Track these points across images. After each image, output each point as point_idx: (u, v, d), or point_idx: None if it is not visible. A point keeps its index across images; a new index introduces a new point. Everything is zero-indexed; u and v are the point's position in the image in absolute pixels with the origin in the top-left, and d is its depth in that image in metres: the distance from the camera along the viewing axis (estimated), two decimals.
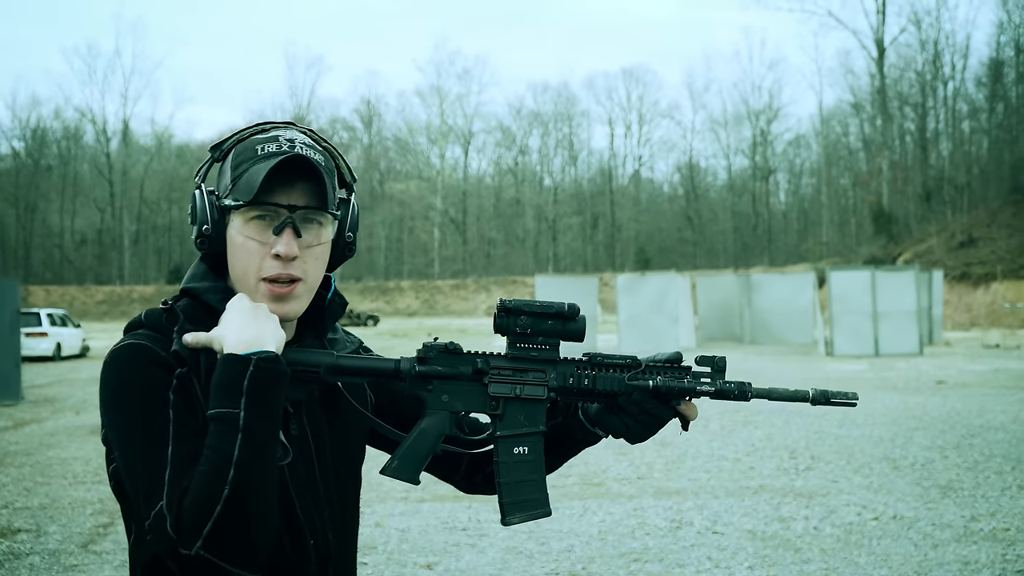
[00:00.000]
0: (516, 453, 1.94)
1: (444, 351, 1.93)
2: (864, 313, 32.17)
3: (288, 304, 1.87)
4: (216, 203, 1.89)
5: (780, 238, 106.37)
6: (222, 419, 1.67)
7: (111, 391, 1.78)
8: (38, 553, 7.95)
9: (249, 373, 1.69)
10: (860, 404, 16.95)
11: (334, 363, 1.88)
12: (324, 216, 1.90)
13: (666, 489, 10.24)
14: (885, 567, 7.30)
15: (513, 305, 1.92)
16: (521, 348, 1.95)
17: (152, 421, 1.73)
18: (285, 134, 1.91)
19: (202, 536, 1.61)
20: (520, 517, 1.95)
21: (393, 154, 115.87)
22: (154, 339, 1.82)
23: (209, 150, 1.95)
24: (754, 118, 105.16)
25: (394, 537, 8.35)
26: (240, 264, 1.86)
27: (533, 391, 1.94)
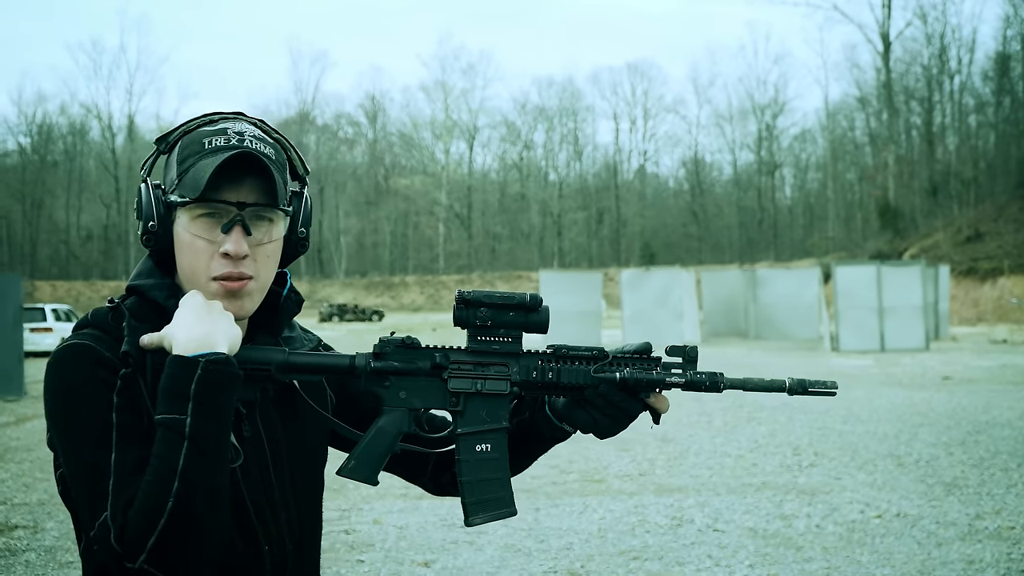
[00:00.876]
0: (479, 451, 1.87)
1: (401, 345, 1.85)
2: (870, 308, 32.06)
3: (241, 301, 1.80)
4: (162, 198, 1.81)
5: (786, 233, 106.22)
6: (168, 425, 1.60)
7: (53, 393, 1.71)
8: (34, 550, 7.88)
9: (196, 376, 1.61)
10: (865, 400, 16.98)
11: (285, 360, 1.81)
12: (275, 213, 1.82)
13: (667, 486, 10.15)
14: (888, 566, 7.21)
15: (472, 296, 1.85)
16: (482, 341, 1.87)
17: (95, 425, 1.65)
18: (234, 126, 1.83)
19: (146, 550, 1.55)
20: (484, 517, 1.88)
21: (398, 149, 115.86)
22: (99, 339, 1.75)
23: (154, 142, 1.88)
24: (759, 113, 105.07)
25: (392, 534, 8.27)
26: (188, 263, 1.79)
27: (495, 386, 1.87)
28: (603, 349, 1.91)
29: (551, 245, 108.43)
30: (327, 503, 8.03)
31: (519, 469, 2.06)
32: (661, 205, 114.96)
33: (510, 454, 1.93)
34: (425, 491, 2.18)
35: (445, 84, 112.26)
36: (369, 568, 7.29)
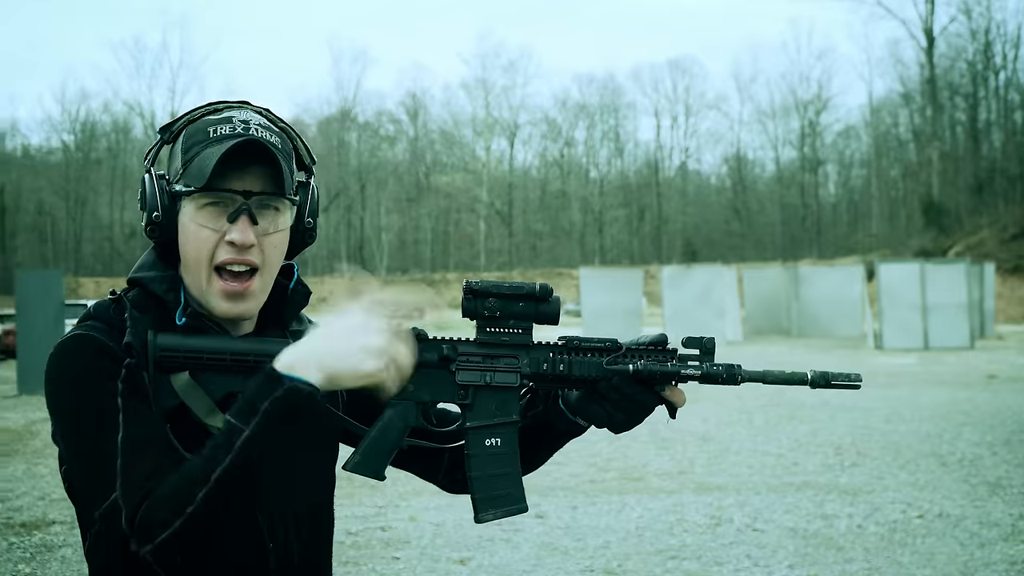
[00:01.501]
0: (488, 445, 1.81)
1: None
2: (914, 306, 31.79)
3: (243, 303, 1.76)
4: (167, 188, 1.77)
5: (829, 230, 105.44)
6: (227, 428, 1.56)
7: (57, 383, 1.67)
8: (71, 545, 7.89)
9: (274, 396, 1.56)
10: (908, 399, 16.81)
11: None
12: (281, 202, 1.78)
13: (707, 484, 10.06)
14: (929, 567, 7.10)
15: (480, 287, 1.78)
16: (491, 333, 1.81)
17: (99, 412, 1.62)
18: (239, 115, 1.80)
19: (154, 543, 1.51)
20: (494, 514, 1.82)
21: (439, 147, 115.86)
22: (101, 330, 1.71)
23: (159, 131, 1.85)
24: (802, 109, 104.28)
25: (428, 531, 8.24)
26: (192, 253, 1.75)
27: (504, 378, 1.81)
28: (616, 341, 1.85)
29: (592, 242, 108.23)
30: (364, 500, 8.06)
31: (534, 465, 2.01)
32: (703, 202, 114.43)
33: (524, 449, 1.88)
34: (441, 489, 2.13)
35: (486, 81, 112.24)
36: (405, 565, 7.25)
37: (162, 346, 1.69)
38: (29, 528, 8.46)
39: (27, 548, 7.81)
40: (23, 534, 8.25)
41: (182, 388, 1.70)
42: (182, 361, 1.70)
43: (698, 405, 16.25)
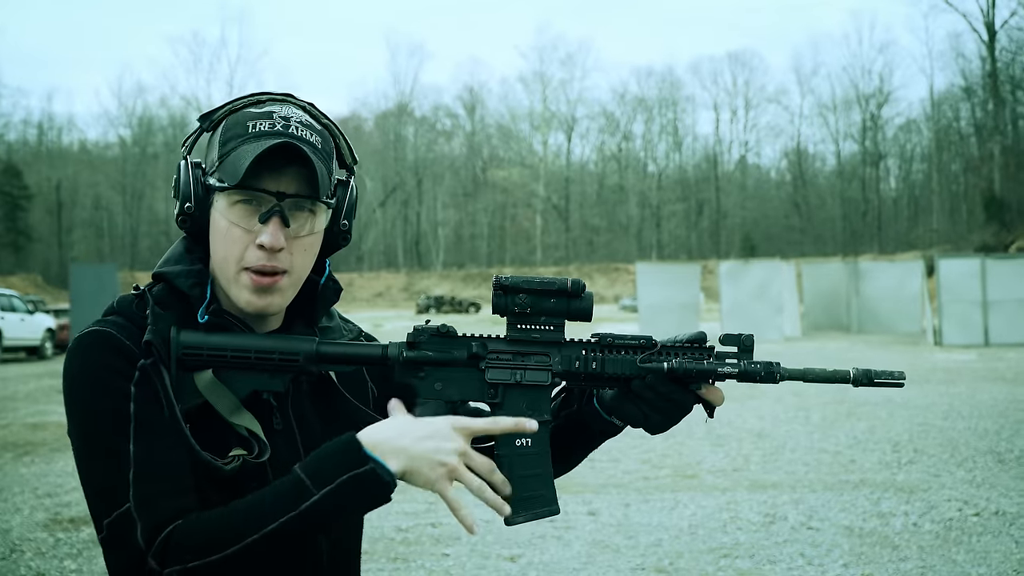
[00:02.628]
0: (518, 445, 1.74)
1: (436, 334, 1.75)
2: (974, 302, 31.41)
3: (270, 297, 1.71)
4: (202, 179, 1.73)
5: (890, 225, 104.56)
6: (296, 485, 1.54)
7: (70, 380, 1.64)
8: None
9: (353, 473, 1.54)
10: (967, 396, 16.58)
11: (314, 350, 1.72)
12: (316, 205, 1.73)
13: (761, 482, 9.96)
14: (984, 565, 6.98)
15: (511, 282, 1.73)
16: (522, 330, 1.75)
17: (112, 413, 1.59)
18: (281, 110, 1.75)
19: (184, 565, 1.50)
20: (525, 516, 1.75)
21: (496, 141, 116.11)
22: (122, 327, 1.67)
23: (198, 119, 1.80)
24: (864, 102, 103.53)
25: (478, 528, 8.19)
26: (221, 250, 1.71)
27: (535, 376, 1.75)
28: (651, 338, 1.78)
29: (649, 237, 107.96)
30: (415, 496, 8.04)
31: (569, 465, 1.97)
32: (762, 196, 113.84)
33: (559, 449, 1.84)
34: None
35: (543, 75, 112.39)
36: (454, 562, 7.23)
37: (185, 344, 1.66)
38: (77, 524, 8.52)
39: (74, 544, 7.86)
40: (70, 530, 8.31)
41: (205, 387, 1.67)
42: (205, 359, 1.67)
43: (755, 402, 16.13)
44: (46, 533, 8.18)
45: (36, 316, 30.95)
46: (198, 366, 1.67)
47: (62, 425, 14.48)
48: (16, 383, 22.07)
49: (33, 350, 30.61)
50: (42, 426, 14.56)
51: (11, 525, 8.48)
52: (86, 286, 20.72)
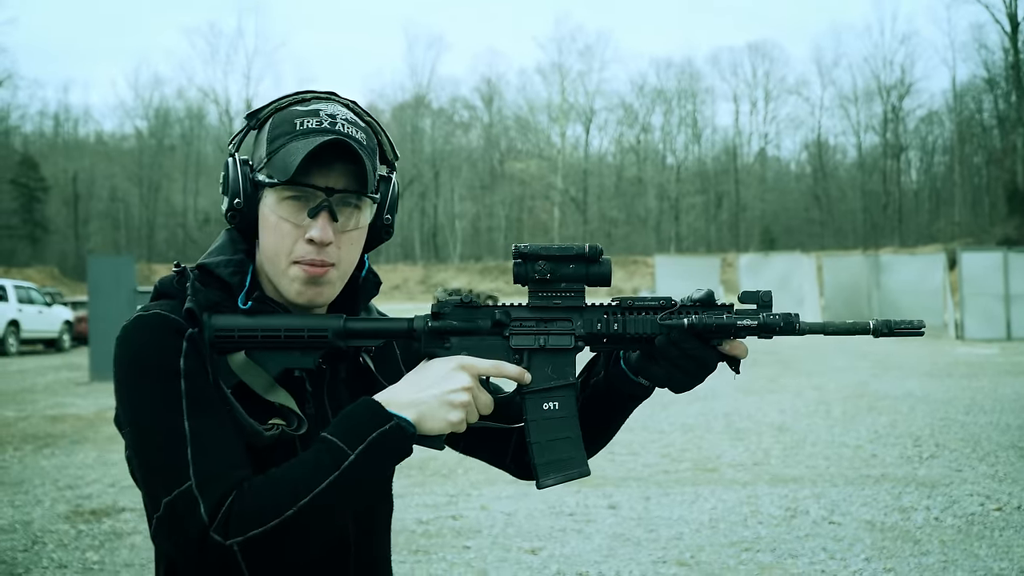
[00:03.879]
0: (546, 409, 1.79)
1: (460, 305, 1.80)
2: (996, 296, 31.27)
3: (320, 288, 1.78)
4: (250, 176, 1.78)
5: (911, 218, 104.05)
6: (329, 448, 1.61)
7: (121, 365, 1.69)
8: (140, 533, 7.95)
9: (382, 430, 1.63)
10: (989, 390, 16.51)
11: (342, 327, 1.77)
12: (362, 200, 1.79)
13: (782, 476, 9.92)
14: (1006, 559, 6.94)
15: (529, 250, 1.77)
16: (543, 296, 1.79)
17: (165, 393, 1.64)
18: (326, 108, 1.80)
19: (245, 536, 1.55)
20: (555, 478, 1.79)
21: (513, 133, 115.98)
22: (166, 306, 1.73)
23: (245, 117, 1.85)
24: (885, 94, 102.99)
25: (499, 521, 8.20)
26: (271, 245, 1.76)
27: (559, 341, 1.79)
28: (671, 298, 1.81)
29: (668, 230, 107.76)
30: (435, 489, 8.07)
31: (607, 435, 2.00)
32: (782, 189, 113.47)
33: (594, 420, 1.89)
34: (511, 475, 2.13)
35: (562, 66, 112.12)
36: (476, 554, 7.22)
37: (216, 327, 1.71)
38: (99, 515, 8.54)
39: (96, 535, 7.88)
40: (92, 521, 8.33)
41: (239, 367, 1.72)
42: (237, 341, 1.72)
43: (775, 396, 16.09)
44: (68, 525, 8.21)
45: (54, 308, 31.10)
46: (230, 348, 1.72)
47: (81, 417, 14.57)
48: (34, 375, 22.18)
49: (51, 342, 30.78)
50: (61, 418, 14.61)
51: (32, 517, 8.50)
52: (104, 278, 20.70)
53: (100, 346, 20.48)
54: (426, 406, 1.66)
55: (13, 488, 9.65)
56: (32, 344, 30.34)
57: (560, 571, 6.86)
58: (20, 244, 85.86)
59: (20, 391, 18.67)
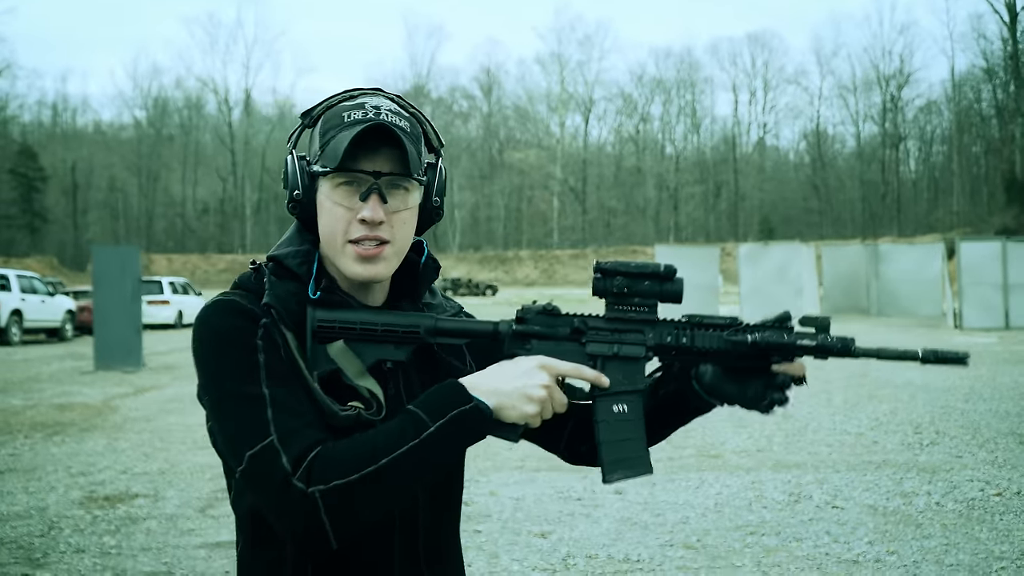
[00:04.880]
0: (616, 411, 1.91)
1: (542, 312, 1.92)
2: (994, 285, 31.36)
3: (376, 266, 1.89)
4: (307, 169, 1.92)
5: (909, 207, 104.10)
6: (414, 418, 1.74)
7: (202, 340, 1.83)
8: (155, 518, 8.07)
9: (462, 409, 1.75)
10: (988, 378, 16.62)
11: (434, 325, 1.91)
12: (409, 182, 1.91)
13: (785, 462, 10.04)
14: (1007, 543, 7.06)
15: (610, 266, 1.90)
16: (619, 310, 1.91)
17: (245, 362, 1.78)
18: (371, 101, 1.93)
19: (327, 484, 1.66)
20: (621, 475, 1.91)
21: (512, 123, 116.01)
22: (241, 296, 1.88)
23: (300, 116, 1.99)
24: (884, 83, 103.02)
25: (508, 506, 8.32)
26: (328, 228, 1.90)
27: (631, 350, 1.91)
28: (737, 318, 1.93)
29: (667, 219, 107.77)
30: None
31: (659, 437, 2.10)
32: (781, 178, 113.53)
33: (654, 423, 2.00)
34: (562, 460, 2.24)
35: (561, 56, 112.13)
36: (487, 538, 7.34)
37: (320, 318, 1.85)
38: (113, 501, 8.65)
39: (111, 521, 7.98)
40: (107, 507, 8.44)
41: (337, 353, 1.84)
42: (337, 332, 1.85)
43: None
44: (83, 510, 8.31)
45: (56, 298, 31.17)
46: (331, 338, 1.85)
47: (89, 406, 14.69)
48: (39, 364, 22.26)
49: (53, 332, 30.85)
50: (69, 407, 14.72)
51: (47, 503, 8.61)
52: (108, 268, 20.77)
53: (104, 335, 20.60)
54: (506, 396, 1.77)
55: (26, 475, 9.76)
56: (35, 333, 30.41)
57: (570, 554, 6.99)
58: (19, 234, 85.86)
59: (26, 380, 18.75)
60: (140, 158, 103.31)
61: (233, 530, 6.80)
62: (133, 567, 6.76)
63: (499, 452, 10.41)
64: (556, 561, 6.84)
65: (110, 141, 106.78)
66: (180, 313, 36.72)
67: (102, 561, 6.90)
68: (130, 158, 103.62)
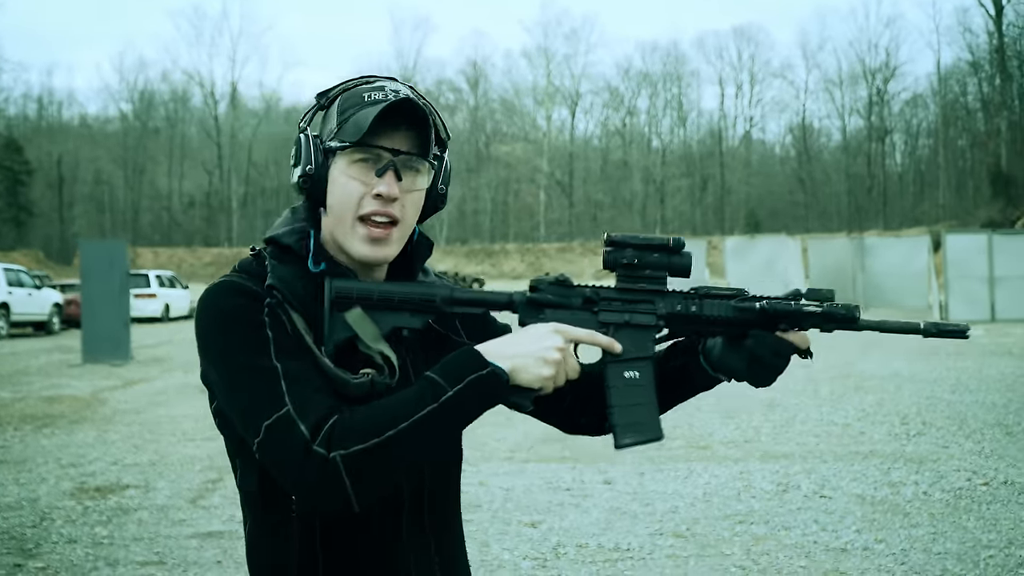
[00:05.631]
0: (627, 377, 1.95)
1: (554, 283, 1.96)
2: (980, 278, 31.49)
3: (385, 248, 1.92)
4: (321, 146, 1.93)
5: (895, 201, 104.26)
6: (432, 383, 1.75)
7: (207, 321, 1.84)
8: (147, 508, 8.10)
9: (479, 375, 1.77)
10: (974, 370, 16.73)
11: (450, 295, 1.94)
12: (422, 163, 1.95)
13: (773, 453, 10.10)
14: (994, 531, 7.13)
15: (620, 238, 1.95)
16: (629, 280, 1.96)
17: (253, 339, 1.79)
18: (391, 84, 1.97)
19: (348, 450, 1.67)
20: (633, 439, 1.95)
21: (499, 116, 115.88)
22: (243, 277, 1.89)
23: (315, 97, 2.01)
24: (870, 77, 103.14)
25: (498, 496, 8.36)
26: (339, 203, 1.91)
27: (642, 319, 1.96)
28: (744, 289, 1.99)
29: (654, 213, 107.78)
30: None
31: (664, 410, 2.11)
32: (767, 172, 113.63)
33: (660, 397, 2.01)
34: (559, 429, 2.26)
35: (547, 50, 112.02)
36: (477, 527, 7.37)
37: (338, 288, 1.87)
38: (104, 492, 8.68)
39: (103, 511, 8.00)
40: (98, 498, 8.46)
41: (354, 319, 1.85)
42: (355, 301, 1.87)
43: None
44: (74, 501, 8.34)
45: (43, 291, 31.13)
46: (348, 307, 1.87)
47: (78, 398, 14.70)
48: (27, 358, 22.25)
49: (40, 325, 30.80)
50: (58, 399, 14.74)
51: (38, 494, 8.63)
52: (96, 262, 20.77)
53: (92, 329, 20.60)
54: (521, 359, 1.79)
55: (17, 467, 9.78)
56: (22, 327, 30.36)
57: (560, 543, 7.03)
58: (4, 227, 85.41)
59: (14, 373, 18.75)
60: (126, 151, 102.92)
61: (223, 520, 6.86)
62: (125, 557, 6.79)
63: (487, 442, 10.46)
64: (547, 550, 6.88)
65: (96, 134, 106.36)
66: (167, 306, 36.71)
67: (94, 551, 6.93)
68: (116, 151, 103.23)
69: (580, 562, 6.62)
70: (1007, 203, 70.29)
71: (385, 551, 1.90)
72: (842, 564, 6.50)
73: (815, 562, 6.54)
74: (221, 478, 9.04)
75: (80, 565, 6.64)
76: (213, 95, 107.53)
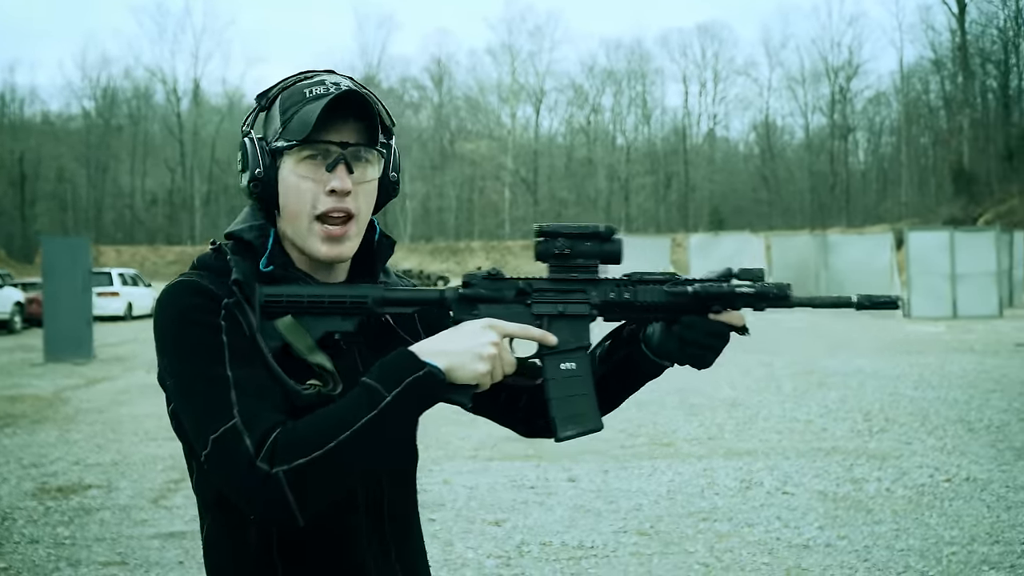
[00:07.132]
0: (564, 368, 1.94)
1: (487, 277, 1.96)
2: (942, 275, 31.75)
3: (342, 245, 1.91)
4: (267, 148, 1.91)
5: (858, 198, 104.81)
6: (368, 389, 1.74)
7: (164, 321, 1.82)
8: (109, 508, 8.05)
9: (416, 376, 1.75)
10: (936, 366, 16.86)
11: (382, 296, 1.91)
12: (372, 153, 1.93)
13: (736, 450, 10.15)
14: (956, 528, 7.19)
15: (551, 228, 1.94)
16: (562, 271, 1.95)
17: (208, 343, 1.77)
18: (330, 78, 1.95)
19: (290, 464, 1.66)
20: (573, 431, 1.94)
21: (464, 113, 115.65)
22: (203, 276, 1.87)
23: (255, 99, 1.99)
24: (833, 75, 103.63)
25: (462, 494, 8.36)
26: (294, 203, 1.89)
27: (576, 308, 1.95)
28: (675, 273, 1.99)
29: (618, 210, 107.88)
30: None
31: (615, 406, 2.13)
32: (731, 169, 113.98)
33: (607, 391, 2.03)
34: (517, 434, 2.25)
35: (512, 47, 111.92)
36: (441, 526, 7.37)
37: (267, 293, 1.84)
38: (66, 492, 8.62)
39: (65, 512, 7.96)
40: (60, 498, 8.41)
41: (286, 328, 1.84)
42: (285, 306, 1.85)
43: (726, 371, 16.29)
44: (35, 502, 8.28)
45: (4, 290, 30.85)
46: (278, 313, 1.85)
47: (40, 398, 14.58)
48: None
49: (2, 324, 30.50)
50: (20, 398, 14.62)
51: (0, 494, 8.56)
52: (58, 260, 20.62)
53: (54, 327, 20.46)
54: (456, 356, 1.78)
55: None
56: None
57: (524, 541, 7.04)
58: None
59: None
60: (89, 149, 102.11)
61: (185, 521, 6.83)
62: (87, 557, 6.75)
63: (451, 441, 10.45)
64: (511, 548, 6.89)
65: (58, 132, 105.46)
66: (130, 305, 36.44)
67: (56, 552, 6.88)
68: (79, 149, 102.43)
69: (544, 560, 6.63)
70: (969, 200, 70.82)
71: (344, 560, 1.89)
72: (804, 560, 6.54)
73: (778, 559, 6.58)
74: (183, 478, 8.99)
75: (42, 565, 6.60)
76: (176, 92, 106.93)
